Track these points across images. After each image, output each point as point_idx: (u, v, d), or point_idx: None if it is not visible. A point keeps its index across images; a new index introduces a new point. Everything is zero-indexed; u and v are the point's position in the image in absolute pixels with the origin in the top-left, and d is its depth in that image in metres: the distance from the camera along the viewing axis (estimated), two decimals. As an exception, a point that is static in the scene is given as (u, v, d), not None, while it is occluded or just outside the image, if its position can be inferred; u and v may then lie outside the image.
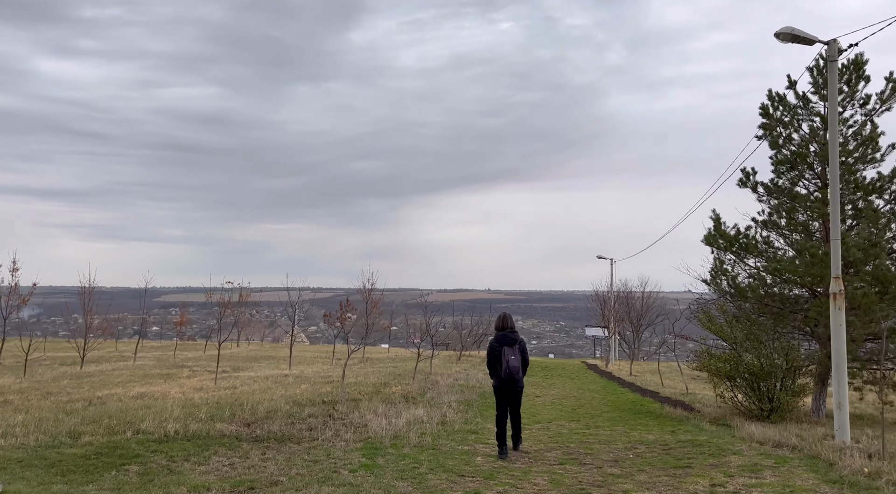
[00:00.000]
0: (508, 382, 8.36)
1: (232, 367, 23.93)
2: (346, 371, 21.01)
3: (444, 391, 15.65)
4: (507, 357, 8.28)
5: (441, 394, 14.89)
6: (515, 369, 8.29)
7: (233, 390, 15.84)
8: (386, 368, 23.64)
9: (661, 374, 22.50)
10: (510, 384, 8.40)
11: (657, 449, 9.03)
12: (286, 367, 25.28)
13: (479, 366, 25.34)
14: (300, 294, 43.78)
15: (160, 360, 26.63)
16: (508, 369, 8.26)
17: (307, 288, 37.22)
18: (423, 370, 21.28)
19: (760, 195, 13.91)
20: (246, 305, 46.00)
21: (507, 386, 8.41)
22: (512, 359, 8.27)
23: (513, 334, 8.52)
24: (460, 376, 20.19)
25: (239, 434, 8.60)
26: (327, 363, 26.29)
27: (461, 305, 41.04)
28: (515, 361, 8.30)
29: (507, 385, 8.40)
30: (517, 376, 8.32)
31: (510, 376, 8.28)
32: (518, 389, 8.50)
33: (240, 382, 18.13)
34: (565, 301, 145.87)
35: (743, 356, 12.01)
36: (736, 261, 13.54)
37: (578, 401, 15.60)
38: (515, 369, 8.29)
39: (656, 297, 52.05)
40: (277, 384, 17.61)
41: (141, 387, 16.32)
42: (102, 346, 36.30)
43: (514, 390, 8.47)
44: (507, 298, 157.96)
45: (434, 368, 23.05)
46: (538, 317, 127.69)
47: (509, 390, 8.45)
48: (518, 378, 8.36)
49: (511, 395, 8.52)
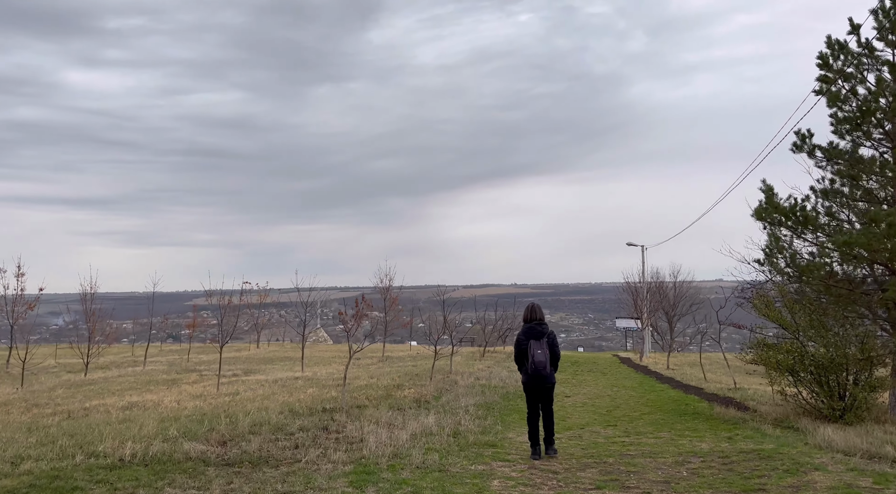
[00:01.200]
0: (536, 378, 7.70)
1: (244, 370, 22.66)
2: (357, 373, 19.56)
3: (462, 392, 14.06)
4: (534, 351, 7.62)
5: (459, 397, 13.30)
6: (542, 363, 7.61)
7: (233, 396, 14.47)
8: (404, 367, 22.15)
9: (704, 367, 20.57)
10: (538, 381, 7.72)
11: (716, 463, 7.32)
12: (308, 367, 23.95)
13: (504, 363, 23.68)
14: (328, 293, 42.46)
15: (172, 364, 25.52)
16: (535, 364, 7.60)
17: (333, 288, 35.85)
18: (442, 368, 19.73)
19: (819, 160, 12.01)
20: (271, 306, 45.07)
21: (534, 383, 7.75)
22: (538, 353, 7.60)
23: (541, 326, 7.79)
24: (482, 374, 18.58)
25: (207, 456, 7.12)
26: (344, 364, 24.88)
27: (485, 300, 39.39)
28: (542, 355, 7.62)
29: (535, 382, 7.74)
30: (544, 371, 7.63)
31: (537, 371, 7.62)
32: (548, 385, 7.80)
33: (245, 387, 16.77)
34: (593, 294, 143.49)
35: (807, 346, 10.18)
36: (793, 237, 11.67)
37: (614, 401, 13.89)
38: (542, 363, 7.61)
39: (688, 286, 49.79)
40: (284, 388, 16.22)
41: (137, 396, 15.05)
42: (122, 351, 35.51)
43: (542, 386, 7.77)
44: (533, 292, 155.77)
45: (455, 366, 21.48)
46: (566, 310, 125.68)
47: (537, 386, 7.78)
48: (546, 374, 7.67)
49: (540, 392, 7.84)
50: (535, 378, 7.70)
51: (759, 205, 12.10)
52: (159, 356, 30.98)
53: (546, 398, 7.88)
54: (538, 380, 7.72)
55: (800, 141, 12.16)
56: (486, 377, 17.85)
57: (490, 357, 26.62)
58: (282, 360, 27.69)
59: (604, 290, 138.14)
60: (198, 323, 27.58)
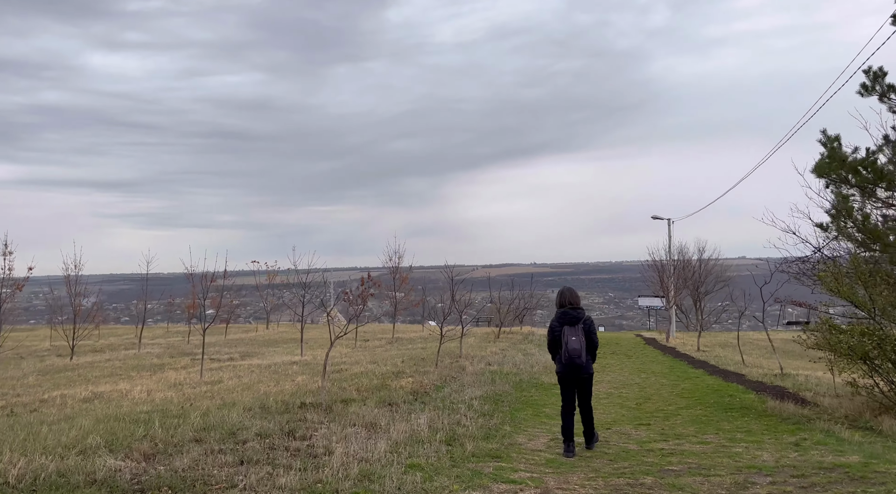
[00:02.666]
0: (570, 368, 7.04)
1: (242, 353, 21.12)
2: (359, 357, 17.79)
3: (469, 381, 12.26)
4: (568, 338, 6.97)
5: (464, 387, 11.51)
6: (576, 352, 6.93)
7: (212, 386, 12.85)
8: (413, 350, 20.43)
9: (742, 350, 18.49)
10: (572, 371, 7.06)
11: (792, 487, 5.42)
12: (309, 350, 22.38)
13: (519, 346, 21.86)
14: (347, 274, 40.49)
15: (171, 347, 24.10)
16: (568, 352, 6.95)
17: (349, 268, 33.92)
18: (452, 352, 17.97)
19: (893, 104, 9.86)
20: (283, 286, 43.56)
21: (569, 373, 7.09)
22: (573, 340, 6.95)
23: (575, 311, 7.13)
24: (495, 359, 16.77)
25: (117, 478, 5.39)
26: (350, 346, 23.25)
27: (504, 280, 37.42)
28: (577, 342, 6.95)
29: (570, 372, 7.08)
30: (579, 360, 6.95)
31: (571, 360, 6.96)
32: (584, 376, 7.12)
33: (232, 373, 15.16)
34: (613, 272, 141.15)
35: (890, 328, 8.18)
36: (864, 197, 9.59)
37: (643, 390, 11.99)
38: (576, 352, 6.93)
39: (714, 263, 47.40)
40: (274, 375, 14.58)
41: (109, 384, 13.50)
42: (127, 332, 34.34)
43: (577, 377, 7.10)
44: (553, 271, 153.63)
45: (466, 349, 19.70)
46: (586, 289, 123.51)
47: (572, 377, 7.11)
48: (582, 364, 6.99)
49: (575, 383, 7.16)
50: (569, 368, 7.04)
51: (821, 159, 10.02)
52: (163, 337, 29.67)
53: (583, 391, 7.19)
54: (573, 370, 7.04)
55: (870, 81, 10.00)
56: (498, 362, 16.04)
57: (505, 339, 24.81)
58: (287, 342, 26.15)
59: (624, 268, 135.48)
60: (198, 305, 26.15)
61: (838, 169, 9.65)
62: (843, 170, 9.58)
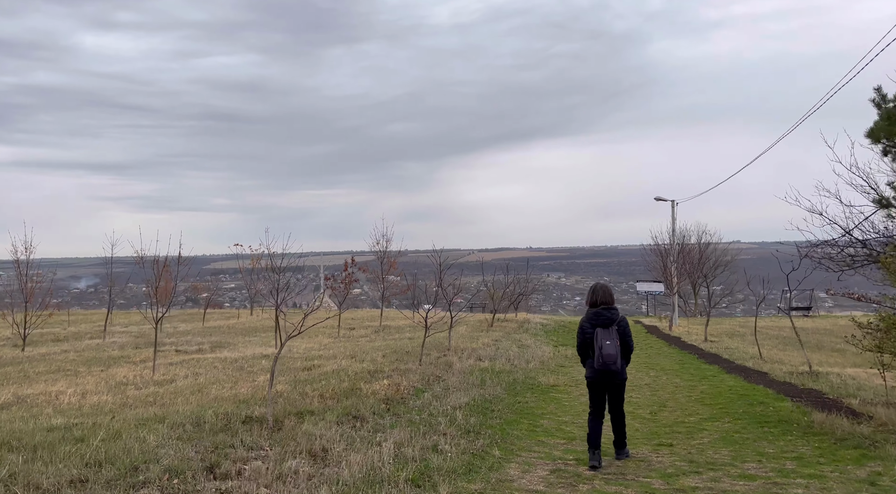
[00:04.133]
0: (603, 374, 6.39)
1: (213, 344, 19.37)
2: (337, 350, 15.99)
3: (455, 383, 10.54)
4: (602, 342, 6.32)
5: (448, 391, 9.78)
6: (611, 357, 6.28)
7: (162, 386, 11.12)
8: (399, 341, 18.72)
9: (758, 342, 16.78)
10: (606, 377, 6.41)
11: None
12: (297, 341, 20.64)
13: (514, 335, 20.18)
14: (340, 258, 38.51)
15: (141, 336, 22.31)
16: (602, 357, 6.28)
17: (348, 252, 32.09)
18: (440, 343, 16.26)
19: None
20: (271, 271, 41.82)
21: (601, 379, 6.44)
22: (607, 344, 6.30)
23: (609, 311, 6.46)
24: (486, 352, 15.06)
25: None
26: (333, 336, 21.52)
27: (500, 264, 35.68)
28: (612, 346, 6.30)
29: (602, 378, 6.42)
30: (614, 367, 6.31)
31: (605, 366, 6.30)
32: (618, 382, 6.48)
33: (192, 369, 13.43)
34: (609, 256, 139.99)
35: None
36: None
37: (656, 394, 10.29)
38: (611, 357, 6.28)
39: (714, 247, 45.82)
40: (239, 371, 12.87)
41: (43, 385, 11.73)
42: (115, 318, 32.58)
43: (611, 383, 6.46)
44: (549, 255, 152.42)
45: (457, 340, 18.00)
46: (581, 273, 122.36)
47: (605, 383, 6.46)
48: (617, 370, 6.35)
49: (608, 389, 6.51)
50: (603, 374, 6.37)
51: (876, 122, 8.22)
52: (138, 324, 27.87)
53: (616, 396, 6.52)
54: (607, 377, 6.37)
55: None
56: (490, 357, 14.33)
57: (499, 328, 23.10)
58: (267, 331, 24.38)
59: (619, 253, 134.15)
60: (170, 289, 24.39)
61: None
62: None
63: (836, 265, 14.00)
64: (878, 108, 8.43)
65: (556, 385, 10.85)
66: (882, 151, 8.26)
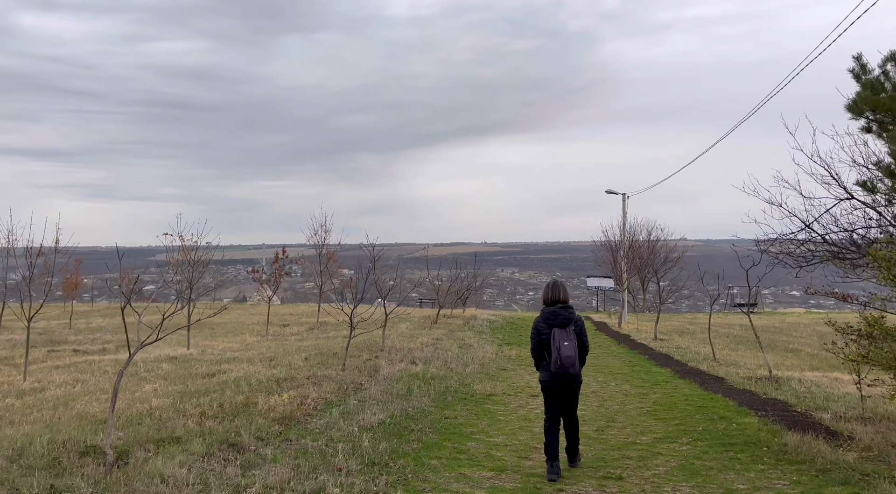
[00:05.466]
0: (561, 377, 5.70)
1: (121, 343, 17.29)
2: (255, 352, 13.97)
3: (376, 393, 8.96)
4: (560, 343, 5.59)
5: (364, 405, 8.20)
6: (571, 359, 5.58)
7: (23, 398, 9.24)
8: (331, 340, 17.03)
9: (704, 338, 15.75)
10: (563, 381, 5.73)
11: None
12: (208, 339, 18.74)
13: (457, 333, 18.73)
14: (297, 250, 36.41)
15: (45, 333, 19.98)
16: (561, 360, 5.57)
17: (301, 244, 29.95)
18: (374, 343, 14.67)
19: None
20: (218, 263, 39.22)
21: (558, 383, 5.75)
22: (566, 345, 5.59)
23: (566, 310, 5.76)
24: (422, 353, 13.54)
25: None
26: (260, 334, 19.64)
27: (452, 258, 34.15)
28: (570, 348, 5.60)
29: (559, 382, 5.74)
30: (573, 369, 5.62)
31: (564, 369, 5.60)
32: (574, 385, 5.83)
33: (75, 375, 11.50)
34: (561, 252, 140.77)
35: None
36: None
37: (603, 404, 8.94)
38: (571, 359, 5.58)
39: (663, 244, 45.51)
40: (131, 378, 11.02)
41: None
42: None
43: (568, 387, 5.79)
44: (503, 250, 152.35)
45: (395, 339, 16.43)
46: (535, 268, 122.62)
47: (562, 387, 5.78)
48: (574, 373, 5.67)
49: (565, 394, 5.83)
50: (561, 378, 5.77)
51: (858, 94, 7.01)
52: (50, 319, 25.32)
53: (571, 401, 5.98)
54: (564, 380, 5.79)
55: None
56: (425, 359, 12.82)
57: (444, 324, 21.62)
58: (195, 327, 22.28)
59: (572, 249, 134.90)
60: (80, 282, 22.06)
61: (883, 102, 6.65)
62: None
63: (793, 261, 13.06)
64: (857, 79, 7.24)
65: (492, 395, 9.41)
66: (864, 126, 7.08)
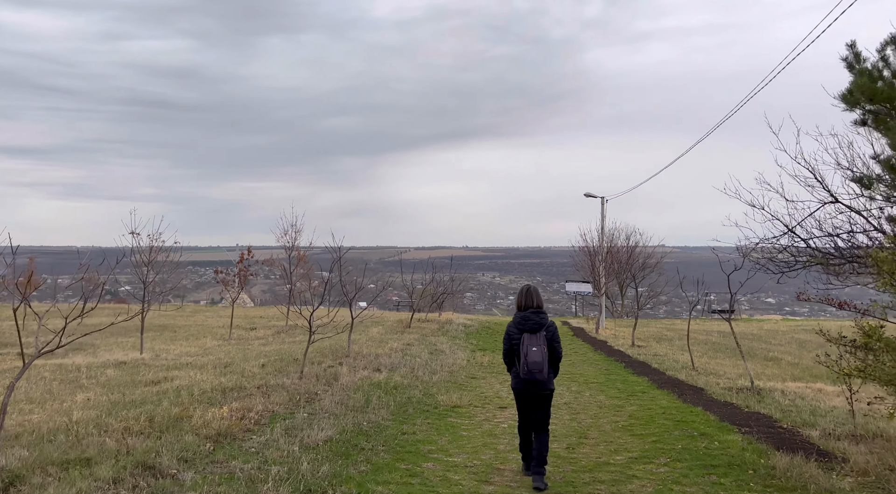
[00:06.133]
0: (529, 384, 5.53)
1: (79, 345, 16.24)
2: (211, 357, 12.91)
3: (329, 405, 8.16)
4: (527, 349, 5.43)
5: (314, 419, 7.41)
6: (537, 365, 5.40)
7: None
8: (297, 345, 16.17)
9: (681, 345, 15.18)
10: (531, 387, 5.55)
11: None
12: (166, 343, 17.74)
13: (430, 338, 17.98)
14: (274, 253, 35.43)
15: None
16: (528, 366, 5.41)
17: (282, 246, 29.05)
18: (340, 348, 13.86)
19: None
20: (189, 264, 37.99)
21: (527, 390, 5.58)
22: (533, 351, 5.41)
23: (538, 315, 5.61)
24: (390, 360, 12.77)
25: None
26: (223, 338, 18.69)
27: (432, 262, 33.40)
28: (538, 354, 5.41)
29: (528, 388, 5.57)
30: (540, 375, 5.45)
31: (531, 375, 5.44)
32: (544, 393, 5.60)
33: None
34: (542, 257, 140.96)
35: None
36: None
37: (576, 417, 8.24)
38: (537, 365, 5.40)
39: (642, 249, 45.18)
40: (67, 386, 10.08)
41: None
42: None
43: (537, 394, 5.60)
44: (484, 254, 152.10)
45: (364, 343, 15.64)
46: (516, 273, 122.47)
47: (531, 393, 5.60)
48: (542, 380, 5.49)
49: (534, 401, 5.62)
50: (528, 385, 5.53)
51: (853, 82, 6.41)
52: (4, 319, 24.04)
53: (541, 410, 5.59)
54: (532, 387, 5.53)
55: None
56: (391, 366, 12.05)
57: (418, 329, 20.86)
58: (158, 330, 21.26)
59: (552, 253, 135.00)
60: (37, 283, 21.03)
61: (880, 90, 6.04)
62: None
63: (775, 266, 12.57)
64: (850, 69, 6.66)
65: (458, 406, 8.66)
66: (858, 119, 6.49)
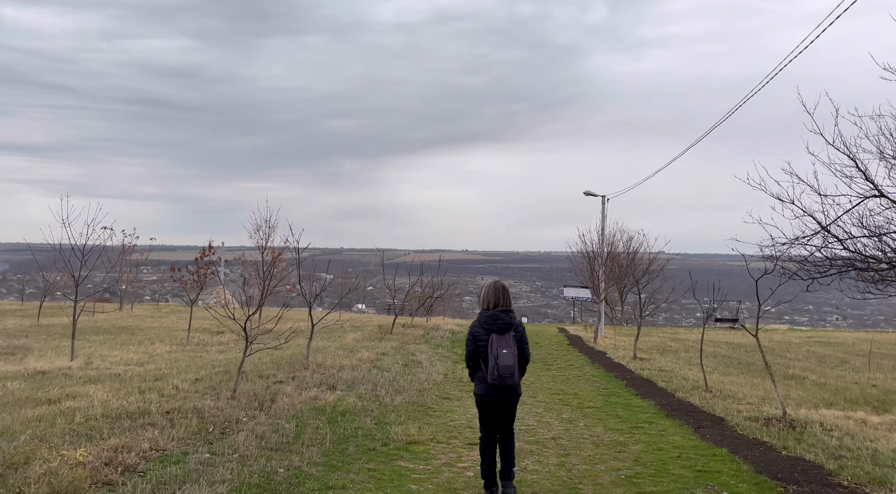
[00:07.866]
0: (499, 390, 4.89)
1: (11, 349, 14.36)
2: (152, 368, 10.81)
3: (250, 438, 6.25)
4: (498, 351, 4.80)
5: (211, 464, 5.51)
6: (509, 369, 4.78)
7: None
8: (262, 354, 14.27)
9: (685, 357, 13.20)
10: (501, 394, 4.92)
11: None
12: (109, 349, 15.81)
13: (410, 346, 16.06)
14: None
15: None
16: (499, 370, 4.77)
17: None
18: (299, 357, 11.97)
19: None
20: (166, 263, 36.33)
21: (496, 396, 4.93)
22: (504, 353, 4.79)
23: (507, 315, 4.96)
24: (351, 374, 10.84)
25: None
26: (180, 343, 16.76)
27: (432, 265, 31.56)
28: (510, 357, 4.80)
29: (497, 395, 4.92)
30: (511, 380, 4.82)
31: (502, 380, 4.79)
32: (513, 399, 5.01)
33: None
34: (542, 261, 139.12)
35: None
36: None
37: (563, 462, 6.27)
38: (509, 369, 4.78)
39: (643, 255, 43.24)
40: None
41: None
42: None
43: (506, 400, 4.98)
44: (484, 258, 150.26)
45: (336, 351, 13.74)
46: (515, 278, 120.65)
47: (500, 402, 4.96)
48: (514, 384, 4.88)
49: (503, 409, 5.02)
50: (498, 391, 4.86)
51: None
52: None
53: (508, 416, 5.05)
54: (502, 393, 4.89)
55: None
56: (351, 381, 10.14)
57: (400, 335, 18.93)
58: (115, 331, 19.36)
59: (552, 258, 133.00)
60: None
61: None
62: None
63: (805, 272, 10.67)
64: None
65: (414, 442, 6.72)
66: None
